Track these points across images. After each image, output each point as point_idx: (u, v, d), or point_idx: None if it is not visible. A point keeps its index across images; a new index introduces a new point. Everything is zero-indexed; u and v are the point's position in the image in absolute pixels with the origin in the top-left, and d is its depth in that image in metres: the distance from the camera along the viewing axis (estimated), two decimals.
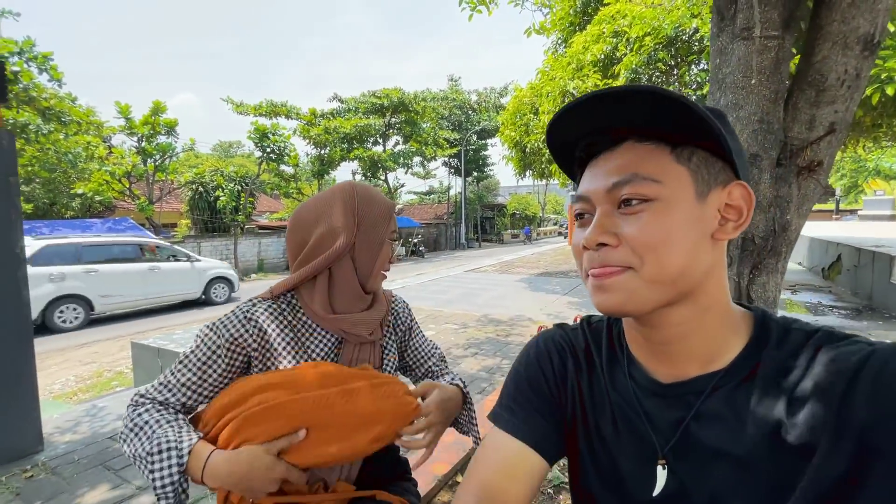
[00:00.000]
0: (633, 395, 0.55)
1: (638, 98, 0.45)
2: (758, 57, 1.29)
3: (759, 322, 0.51)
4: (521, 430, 0.60)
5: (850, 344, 0.46)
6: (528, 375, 0.64)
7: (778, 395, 0.47)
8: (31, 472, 2.19)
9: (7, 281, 2.24)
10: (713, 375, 0.50)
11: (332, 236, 0.91)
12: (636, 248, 0.46)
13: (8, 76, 2.24)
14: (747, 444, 0.47)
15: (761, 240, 1.37)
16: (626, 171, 0.47)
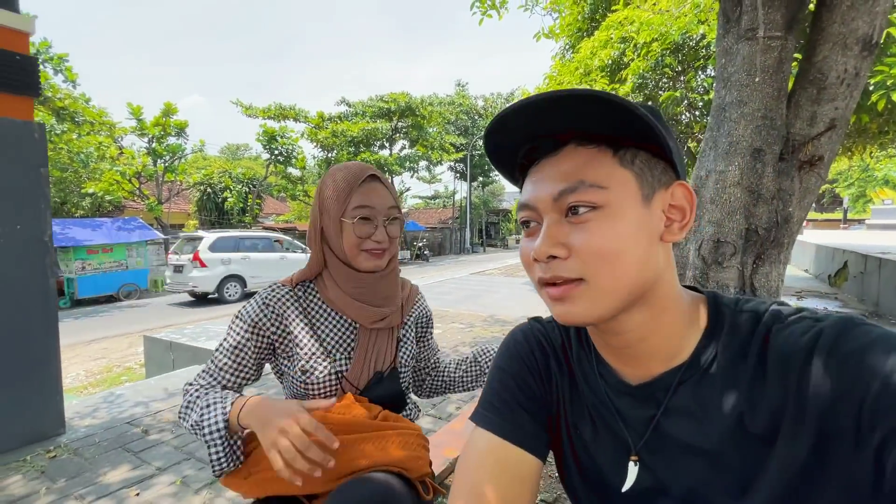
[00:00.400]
0: (605, 395, 0.55)
1: (579, 102, 0.43)
2: (761, 56, 1.36)
3: (713, 309, 0.51)
4: (510, 430, 0.57)
5: (799, 321, 0.46)
6: (512, 372, 0.61)
7: (737, 384, 0.46)
8: (55, 452, 2.27)
9: (35, 267, 2.33)
10: (677, 370, 0.49)
11: (312, 226, 0.97)
12: (587, 259, 0.44)
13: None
14: (714, 437, 0.47)
15: (764, 231, 1.43)
16: (572, 179, 0.45)
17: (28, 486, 1.98)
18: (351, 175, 0.93)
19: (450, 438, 2.15)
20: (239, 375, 0.94)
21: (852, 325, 0.43)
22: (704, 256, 1.45)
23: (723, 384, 0.47)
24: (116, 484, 2.00)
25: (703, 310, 0.51)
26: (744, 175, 1.41)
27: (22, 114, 2.30)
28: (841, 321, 0.44)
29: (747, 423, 0.45)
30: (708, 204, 1.47)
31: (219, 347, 0.94)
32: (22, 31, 2.29)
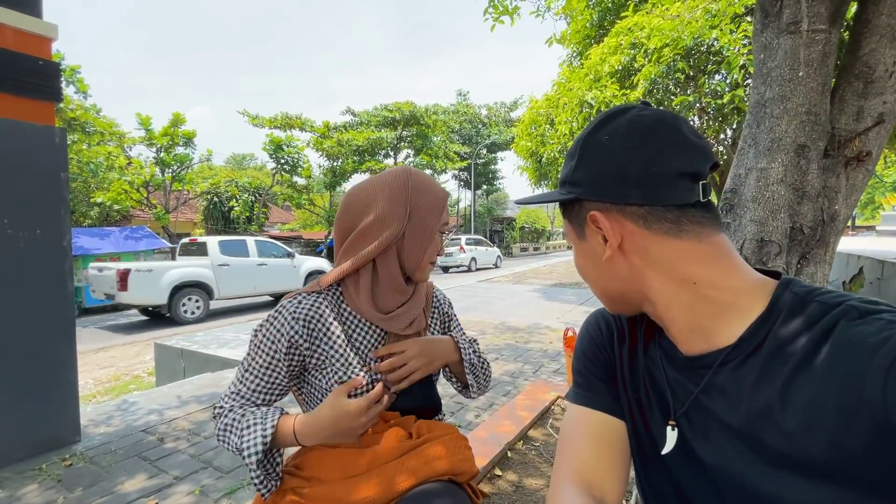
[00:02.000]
0: (660, 364, 0.60)
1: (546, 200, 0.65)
2: (805, 50, 1.32)
3: (778, 294, 0.51)
4: (594, 399, 0.65)
5: (873, 321, 0.44)
6: (584, 348, 0.71)
7: (778, 371, 0.47)
8: (70, 460, 2.23)
9: (54, 272, 2.31)
10: (721, 351, 0.52)
11: (381, 225, 0.89)
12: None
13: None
14: (743, 417, 0.49)
15: (809, 230, 1.38)
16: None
17: (44, 496, 1.93)
18: (443, 193, 0.98)
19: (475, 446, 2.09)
20: (272, 395, 0.90)
21: None
22: (747, 257, 1.40)
23: (762, 369, 0.49)
24: (134, 493, 1.95)
25: (763, 294, 0.52)
26: (787, 172, 1.37)
27: (43, 118, 2.30)
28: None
29: (776, 413, 0.46)
30: (749, 202, 1.43)
31: (247, 367, 0.88)
32: (45, 36, 2.30)
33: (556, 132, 6.91)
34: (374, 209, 0.90)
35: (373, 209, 0.90)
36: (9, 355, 2.17)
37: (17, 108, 2.20)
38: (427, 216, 0.92)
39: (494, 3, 4.06)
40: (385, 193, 0.91)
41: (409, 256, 0.92)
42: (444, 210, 0.96)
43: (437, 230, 0.95)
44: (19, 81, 2.19)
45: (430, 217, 0.93)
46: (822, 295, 0.49)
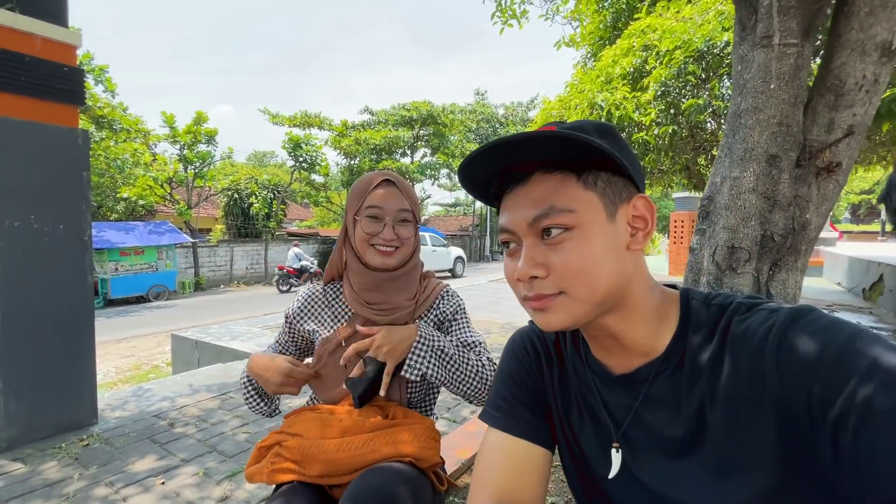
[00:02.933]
0: (592, 384, 0.59)
1: (541, 142, 0.48)
2: (777, 63, 1.36)
3: (684, 304, 0.55)
4: (515, 426, 0.63)
5: (757, 312, 0.49)
6: (509, 370, 0.67)
7: (700, 375, 0.50)
8: (87, 441, 2.39)
9: (76, 265, 2.48)
10: (653, 364, 0.53)
11: (342, 226, 1.11)
12: (564, 276, 0.49)
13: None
14: (682, 427, 0.50)
15: (780, 237, 1.42)
16: (542, 204, 0.50)
17: (62, 472, 2.09)
18: (368, 178, 1.05)
19: (463, 440, 2.17)
20: (287, 349, 1.16)
21: (803, 314, 0.46)
22: (718, 262, 1.45)
23: (689, 375, 0.51)
24: (143, 473, 2.09)
25: (676, 306, 0.55)
26: (759, 181, 1.41)
27: (68, 121, 2.47)
28: (793, 311, 0.46)
29: (707, 413, 0.48)
30: (723, 210, 1.47)
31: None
32: (70, 44, 2.46)
33: None
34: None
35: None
36: (34, 342, 2.34)
37: (44, 111, 2.37)
38: (350, 205, 1.05)
39: (502, 6, 4.12)
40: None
41: (353, 244, 1.05)
42: (363, 196, 1.02)
43: (358, 215, 1.02)
44: (45, 87, 2.36)
45: (352, 204, 1.04)
46: (716, 298, 0.54)
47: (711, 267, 1.47)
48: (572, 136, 0.46)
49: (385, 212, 1.01)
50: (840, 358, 0.40)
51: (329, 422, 0.96)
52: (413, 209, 1.05)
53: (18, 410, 2.30)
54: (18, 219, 2.28)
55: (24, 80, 2.29)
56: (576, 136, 0.46)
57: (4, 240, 2.24)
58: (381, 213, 1.01)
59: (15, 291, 2.27)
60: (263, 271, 16.25)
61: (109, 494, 1.92)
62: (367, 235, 1.01)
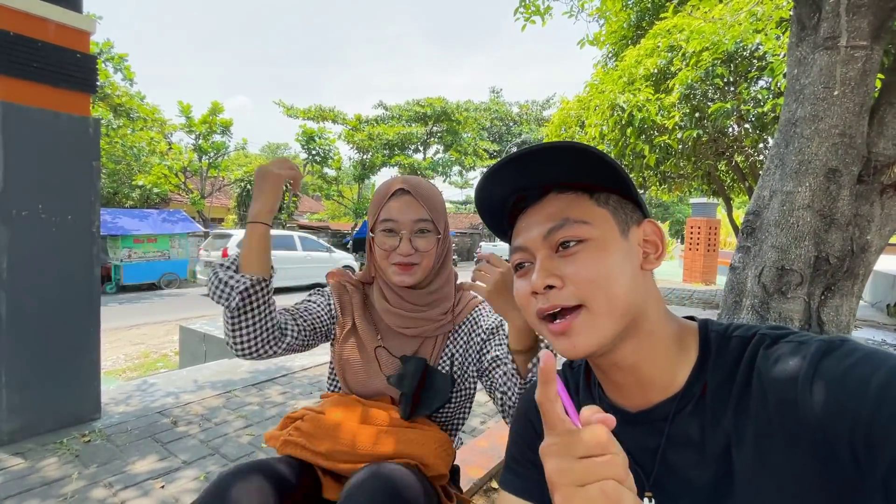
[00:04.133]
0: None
1: (558, 153, 0.49)
2: (842, 67, 1.23)
3: (703, 336, 0.52)
4: (524, 488, 0.62)
5: (783, 345, 0.46)
6: (518, 431, 0.66)
7: (724, 412, 0.47)
8: (89, 437, 2.34)
9: (83, 257, 2.42)
10: (673, 399, 0.51)
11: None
12: (581, 285, 0.48)
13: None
14: (710, 469, 0.47)
15: (837, 260, 1.29)
16: (557, 217, 0.51)
17: (62, 470, 2.04)
18: (385, 188, 0.98)
19: (473, 456, 2.08)
20: (300, 316, 1.01)
21: (836, 346, 0.43)
22: (766, 284, 1.33)
23: (713, 411, 0.48)
24: (143, 475, 2.03)
25: (695, 338, 0.52)
26: (815, 197, 1.28)
27: (79, 109, 2.40)
28: (825, 342, 0.44)
29: (734, 454, 0.45)
30: (772, 227, 1.34)
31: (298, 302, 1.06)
32: (84, 30, 2.40)
33: (585, 134, 6.76)
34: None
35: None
36: (38, 334, 2.29)
37: (56, 98, 2.31)
38: (370, 217, 0.99)
39: (525, 2, 3.99)
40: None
41: (375, 261, 0.99)
42: (378, 209, 0.96)
43: (374, 231, 0.97)
44: (58, 73, 2.30)
45: (370, 216, 0.98)
46: (738, 329, 0.51)
47: (757, 289, 1.35)
48: (588, 147, 0.47)
49: (400, 224, 0.95)
50: (883, 398, 0.37)
51: (354, 408, 0.95)
52: (433, 218, 0.97)
53: (21, 403, 2.25)
54: (26, 208, 2.23)
55: (36, 66, 2.23)
56: (591, 148, 0.48)
57: (11, 229, 2.18)
58: (396, 227, 0.95)
59: (20, 282, 2.22)
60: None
61: (107, 497, 1.86)
62: (385, 252, 0.95)
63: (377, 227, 0.96)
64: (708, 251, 11.49)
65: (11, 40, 2.15)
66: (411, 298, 1.00)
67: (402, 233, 0.94)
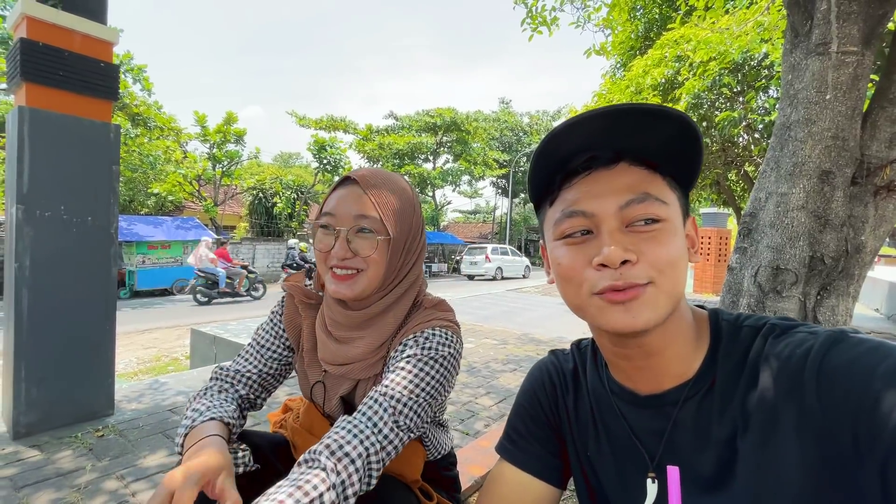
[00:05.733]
0: (616, 409, 0.56)
1: (645, 115, 0.45)
2: (834, 72, 1.27)
3: (714, 325, 0.53)
4: (523, 460, 0.63)
5: (792, 336, 0.47)
6: (525, 405, 0.67)
7: (732, 400, 0.48)
8: (103, 432, 2.40)
9: (101, 257, 2.51)
10: (684, 386, 0.51)
11: None
12: (657, 264, 0.46)
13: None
14: (714, 454, 0.48)
15: (832, 260, 1.31)
16: (638, 190, 0.47)
17: (76, 462, 2.10)
18: (340, 177, 0.82)
19: (476, 455, 2.10)
20: (261, 363, 0.90)
21: (843, 337, 0.43)
22: (761, 284, 1.35)
23: (721, 400, 0.48)
24: (153, 468, 2.08)
25: (706, 326, 0.53)
26: (809, 198, 1.31)
27: (101, 115, 2.51)
28: (833, 333, 0.44)
29: (739, 441, 0.46)
30: (767, 228, 1.37)
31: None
32: (107, 40, 2.52)
33: None
34: None
35: None
36: (57, 331, 2.37)
37: (80, 105, 2.42)
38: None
39: (532, 13, 4.07)
40: None
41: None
42: (328, 196, 0.81)
43: (317, 225, 0.81)
44: (82, 81, 2.41)
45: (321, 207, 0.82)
46: (747, 319, 0.52)
47: (753, 288, 1.37)
48: (693, 123, 0.46)
49: (338, 220, 0.76)
50: (887, 385, 0.38)
51: (321, 425, 0.88)
52: (382, 215, 0.77)
53: (39, 397, 2.33)
54: (49, 209, 2.32)
55: (62, 75, 2.35)
56: (695, 125, 0.46)
57: (34, 229, 2.28)
58: (332, 222, 0.77)
59: (41, 280, 2.31)
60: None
61: (119, 488, 1.91)
62: (321, 254, 0.78)
63: (319, 220, 0.80)
64: (718, 261, 11.38)
65: (41, 50, 2.27)
66: (343, 319, 0.81)
67: (339, 230, 0.76)
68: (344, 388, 0.83)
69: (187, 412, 0.76)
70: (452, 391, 3.32)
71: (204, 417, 0.73)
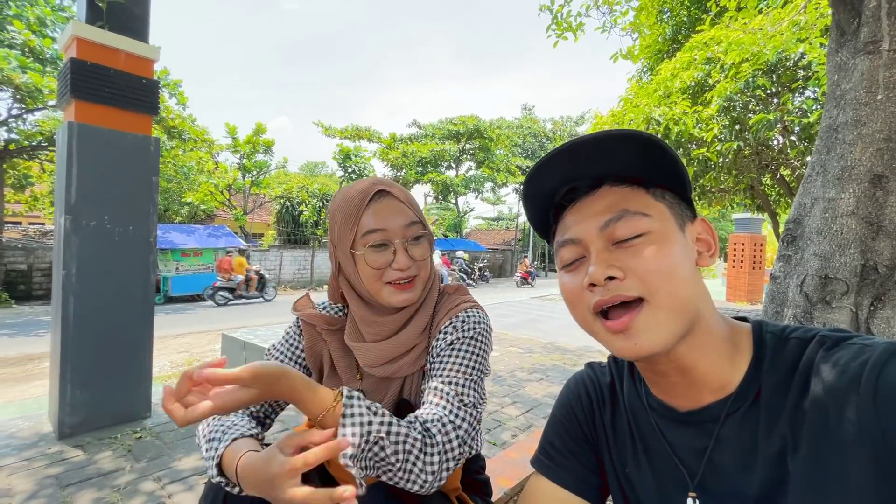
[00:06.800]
0: (654, 426, 0.55)
1: (616, 142, 0.47)
2: (885, 72, 1.21)
3: (757, 337, 0.51)
4: (560, 475, 0.62)
5: (846, 348, 0.44)
6: (561, 419, 0.66)
7: (780, 416, 0.45)
8: (140, 434, 2.48)
9: (141, 264, 2.62)
10: (725, 401, 0.49)
11: (331, 259, 0.87)
12: (644, 277, 0.46)
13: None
14: (761, 474, 0.45)
15: (886, 269, 1.24)
16: (615, 209, 0.48)
17: (115, 463, 2.17)
18: (356, 195, 0.78)
19: (504, 467, 2.06)
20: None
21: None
22: (808, 294, 1.29)
23: (767, 415, 0.46)
24: (188, 470, 2.14)
25: (748, 339, 0.51)
26: (860, 203, 1.24)
27: (142, 129, 2.63)
28: (891, 346, 0.42)
29: (789, 460, 0.43)
30: (814, 235, 1.31)
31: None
32: (149, 58, 2.64)
33: None
34: (329, 247, 0.88)
35: (329, 247, 0.88)
36: (100, 336, 2.48)
37: (123, 120, 2.54)
38: (342, 234, 0.80)
39: (558, 19, 4.05)
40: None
41: (355, 286, 0.82)
42: (356, 220, 0.77)
43: (355, 248, 0.78)
44: (125, 97, 2.53)
45: (342, 233, 0.79)
46: (795, 331, 0.50)
47: (799, 298, 1.31)
48: (651, 137, 0.46)
49: (392, 234, 0.78)
50: None
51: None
52: (421, 219, 0.82)
53: (82, 399, 2.43)
54: (94, 219, 2.44)
55: (108, 91, 2.47)
56: (654, 138, 0.46)
57: (80, 238, 2.39)
58: (387, 237, 0.77)
59: (86, 287, 2.42)
60: (309, 276, 16.76)
61: (156, 489, 1.97)
62: (376, 272, 0.77)
63: (359, 242, 0.77)
64: (753, 268, 10.96)
65: (88, 69, 2.40)
66: (389, 322, 0.82)
67: (394, 243, 0.77)
68: (391, 391, 0.83)
69: (208, 433, 0.73)
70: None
71: (234, 434, 0.71)
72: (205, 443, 0.73)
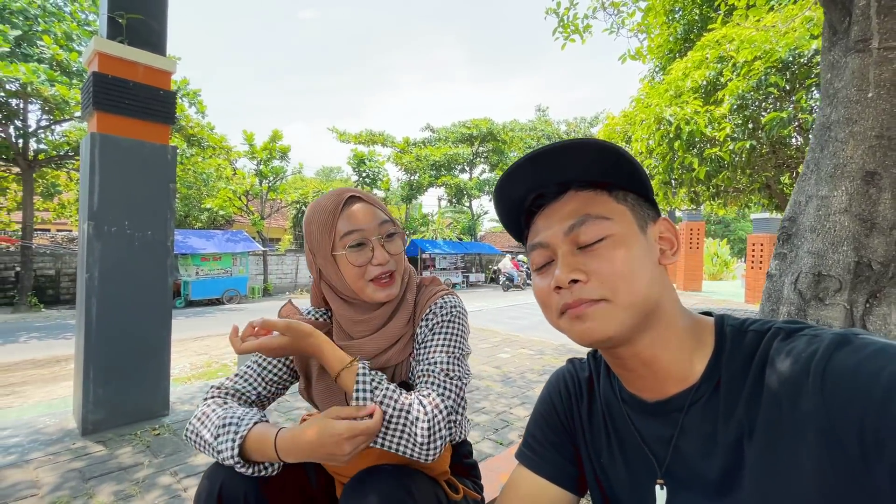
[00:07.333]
0: (626, 417, 0.58)
1: (577, 151, 0.50)
2: (876, 69, 1.21)
3: (719, 330, 0.53)
4: (540, 466, 0.65)
5: (799, 338, 0.47)
6: (542, 412, 0.69)
7: (737, 405, 0.48)
8: (159, 430, 2.59)
9: (159, 268, 2.73)
10: (689, 391, 0.52)
11: (310, 268, 0.93)
12: (605, 279, 0.49)
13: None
14: (720, 459, 0.48)
15: (880, 266, 1.24)
16: (578, 214, 0.51)
17: (135, 458, 2.27)
18: (329, 204, 0.86)
19: (507, 465, 2.09)
20: (261, 385, 0.92)
21: (848, 340, 0.43)
22: (802, 291, 1.29)
23: (726, 404, 0.49)
24: (203, 466, 2.22)
25: (711, 332, 0.53)
26: (853, 201, 1.24)
27: (160, 138, 2.75)
28: (838, 336, 0.44)
29: (745, 445, 0.46)
30: (807, 232, 1.31)
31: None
32: (166, 70, 2.76)
33: (631, 149, 6.64)
34: (307, 256, 0.95)
35: (307, 256, 0.95)
36: (120, 336, 2.59)
37: (141, 130, 2.66)
38: (319, 243, 0.86)
39: (564, 22, 4.07)
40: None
41: (339, 289, 0.88)
42: (332, 226, 0.84)
43: (335, 250, 0.85)
44: (144, 108, 2.66)
45: (322, 241, 0.86)
46: (753, 324, 0.52)
47: (793, 296, 1.31)
48: (607, 144, 0.49)
49: (368, 232, 0.85)
50: (892, 390, 0.38)
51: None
52: (392, 219, 0.90)
53: (105, 397, 2.54)
54: (115, 224, 2.56)
55: (128, 103, 2.60)
56: (611, 145, 0.49)
57: (102, 243, 2.52)
58: (364, 236, 0.85)
59: (108, 289, 2.54)
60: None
61: (172, 483, 2.05)
62: (359, 270, 0.84)
63: (339, 244, 0.84)
64: None
65: (110, 82, 2.53)
66: (376, 317, 0.89)
67: (371, 240, 0.85)
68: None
69: (217, 421, 0.78)
70: (487, 402, 3.32)
71: (254, 419, 0.78)
72: (215, 429, 0.77)
